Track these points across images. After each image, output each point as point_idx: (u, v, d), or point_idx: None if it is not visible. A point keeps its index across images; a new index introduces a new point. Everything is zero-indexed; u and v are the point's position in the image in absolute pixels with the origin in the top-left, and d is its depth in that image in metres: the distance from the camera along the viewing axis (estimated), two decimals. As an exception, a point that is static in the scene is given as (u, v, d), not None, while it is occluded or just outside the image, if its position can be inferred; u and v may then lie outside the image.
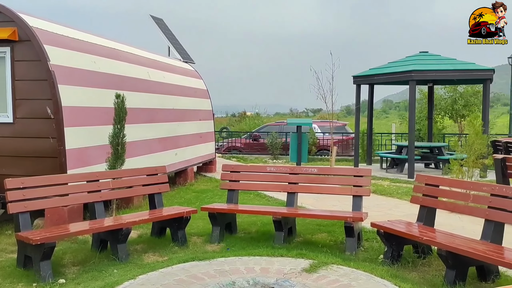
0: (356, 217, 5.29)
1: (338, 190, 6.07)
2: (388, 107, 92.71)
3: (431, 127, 14.34)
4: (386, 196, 9.01)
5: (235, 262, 4.89)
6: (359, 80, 12.67)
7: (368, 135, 14.25)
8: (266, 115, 54.04)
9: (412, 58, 12.34)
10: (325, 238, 6.01)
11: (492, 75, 11.30)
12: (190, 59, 12.40)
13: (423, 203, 5.18)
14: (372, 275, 4.49)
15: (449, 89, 20.10)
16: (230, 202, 6.24)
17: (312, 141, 16.11)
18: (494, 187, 4.55)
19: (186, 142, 10.28)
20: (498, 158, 6.99)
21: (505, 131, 22.49)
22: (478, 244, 4.32)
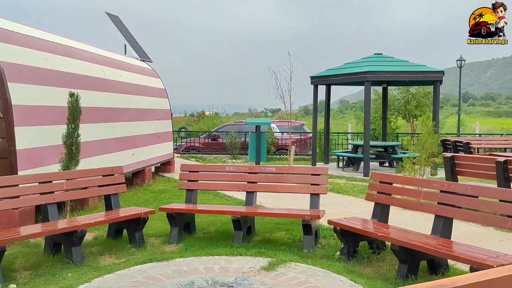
0: (314, 215, 5.39)
1: (296, 188, 6.16)
2: (344, 107, 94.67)
3: (385, 127, 14.78)
4: (342, 194, 9.21)
5: (194, 262, 4.87)
6: (316, 81, 12.88)
7: (325, 134, 14.51)
8: (225, 115, 53.93)
9: (367, 59, 12.67)
10: (284, 237, 6.08)
11: (441, 76, 11.79)
12: (147, 57, 12.21)
13: (377, 200, 5.34)
14: (329, 271, 4.59)
15: (402, 90, 20.77)
16: (188, 202, 6.20)
17: (271, 141, 16.24)
18: (443, 184, 4.76)
19: (143, 142, 10.12)
20: (447, 156, 7.30)
21: (454, 130, 23.53)
22: (429, 239, 4.50)
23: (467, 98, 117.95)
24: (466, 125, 34.70)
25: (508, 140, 14.77)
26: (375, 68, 11.69)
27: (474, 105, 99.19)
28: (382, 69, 11.76)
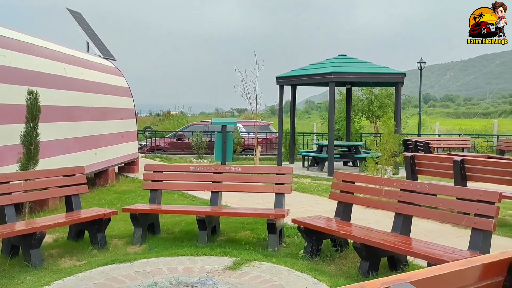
0: (278, 214, 5.43)
1: (261, 188, 6.19)
2: (310, 108, 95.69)
3: (349, 127, 15.05)
4: (307, 193, 9.31)
5: (158, 263, 4.82)
6: (282, 81, 12.98)
7: (290, 134, 14.64)
8: (191, 114, 53.53)
9: (332, 60, 12.87)
10: (249, 236, 6.10)
11: (403, 78, 12.11)
12: (110, 55, 11.98)
13: (340, 199, 5.44)
14: (292, 269, 4.64)
15: (365, 91, 21.19)
16: (152, 202, 6.13)
17: (237, 141, 16.24)
18: (403, 182, 4.89)
19: (106, 142, 9.92)
20: (408, 155, 7.50)
21: (416, 131, 24.20)
22: (389, 236, 4.62)
23: (428, 100, 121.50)
24: (427, 126, 35.76)
25: (465, 140, 15.33)
26: (339, 69, 11.88)
27: (434, 106, 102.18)
28: (346, 70, 11.97)
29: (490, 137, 18.05)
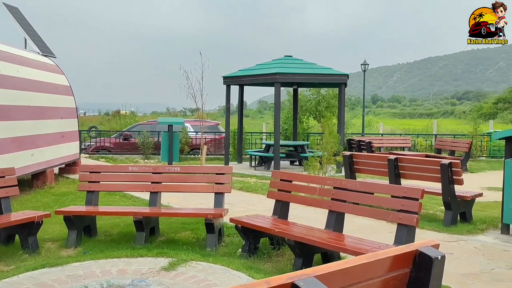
0: (216, 214, 5.45)
1: (201, 188, 6.19)
2: (263, 108, 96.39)
3: (296, 127, 15.30)
4: (251, 193, 9.40)
5: (91, 266, 4.71)
6: (228, 81, 13.01)
7: (238, 134, 14.70)
8: (142, 114, 52.59)
9: (278, 61, 13.04)
10: (189, 236, 6.09)
11: (346, 79, 12.47)
12: (50, 52, 11.55)
13: (278, 197, 5.53)
14: (228, 268, 4.67)
15: (313, 92, 21.61)
16: (89, 204, 5.98)
17: (185, 140, 16.12)
18: (336, 180, 5.05)
19: (45, 142, 9.56)
20: (346, 154, 7.74)
21: (366, 130, 25.00)
22: (322, 233, 4.75)
23: (376, 100, 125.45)
24: (373, 125, 36.99)
25: (406, 140, 15.99)
26: (284, 70, 12.06)
27: (382, 107, 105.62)
28: (291, 71, 12.17)
29: (429, 137, 18.91)
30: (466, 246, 5.62)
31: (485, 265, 4.90)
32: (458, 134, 19.28)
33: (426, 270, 2.30)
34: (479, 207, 7.85)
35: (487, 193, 9.17)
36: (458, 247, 5.56)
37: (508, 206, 5.99)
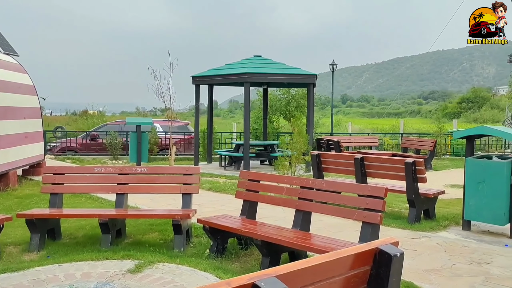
0: (184, 215, 5.42)
1: (168, 189, 6.13)
2: (234, 107, 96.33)
3: (266, 126, 15.36)
4: (221, 193, 9.38)
5: (54, 270, 4.61)
6: (198, 80, 12.94)
7: (208, 134, 14.64)
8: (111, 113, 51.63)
9: (247, 61, 13.06)
10: (156, 237, 6.03)
11: (314, 79, 12.59)
12: (12, 50, 11.21)
13: (245, 197, 5.54)
14: (196, 269, 4.65)
15: (283, 92, 21.74)
16: (53, 206, 5.84)
17: (154, 141, 15.94)
18: (303, 180, 5.10)
19: (7, 143, 9.27)
20: (314, 154, 7.82)
21: (335, 130, 25.32)
22: (289, 232, 4.79)
23: (346, 100, 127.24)
24: (343, 125, 37.51)
25: (374, 139, 16.30)
26: (253, 69, 12.09)
27: (351, 106, 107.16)
28: (260, 71, 12.20)
29: (396, 136, 19.32)
30: (429, 242, 5.77)
31: (447, 260, 5.05)
32: (423, 133, 19.78)
33: (385, 267, 2.36)
34: (443, 204, 8.08)
35: (450, 191, 9.46)
36: (421, 244, 5.70)
37: (468, 203, 6.19)
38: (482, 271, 4.70)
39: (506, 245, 5.69)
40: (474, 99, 58.57)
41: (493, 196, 5.91)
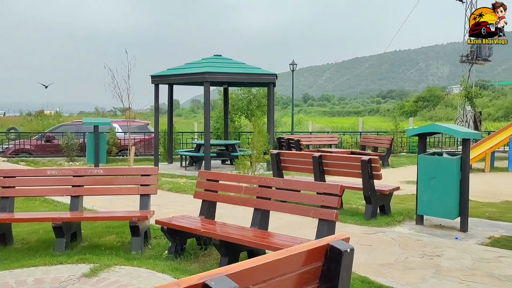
0: (141, 216, 5.34)
1: (125, 190, 6.02)
2: (196, 107, 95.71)
3: (227, 126, 15.35)
4: (181, 193, 9.31)
5: (5, 276, 4.44)
6: (157, 80, 12.77)
7: (168, 134, 14.48)
8: (69, 114, 50.10)
9: (207, 60, 13.00)
10: (113, 240, 5.92)
11: (274, 79, 12.68)
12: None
13: (204, 197, 5.52)
14: (154, 271, 4.60)
15: (244, 91, 21.78)
16: (3, 211, 5.62)
17: (113, 141, 15.61)
18: (260, 179, 5.13)
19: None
20: (273, 153, 7.89)
21: (295, 129, 25.56)
22: (247, 231, 4.81)
23: (307, 99, 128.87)
24: (304, 124, 37.95)
25: (333, 137, 16.59)
26: (213, 69, 12.05)
27: (313, 106, 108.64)
28: (220, 70, 12.18)
29: (355, 134, 19.74)
30: (384, 237, 5.94)
31: (400, 254, 5.21)
32: (381, 131, 20.30)
33: (336, 263, 2.41)
34: (398, 200, 8.33)
35: (405, 187, 9.76)
36: (377, 239, 5.86)
37: (421, 199, 6.41)
38: (433, 263, 4.89)
39: (456, 238, 5.93)
40: (429, 98, 60.66)
41: (444, 191, 6.15)
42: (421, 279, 4.44)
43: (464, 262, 4.93)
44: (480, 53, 22.10)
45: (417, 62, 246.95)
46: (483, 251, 5.32)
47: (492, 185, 10.47)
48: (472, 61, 22.61)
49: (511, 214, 7.37)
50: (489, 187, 10.15)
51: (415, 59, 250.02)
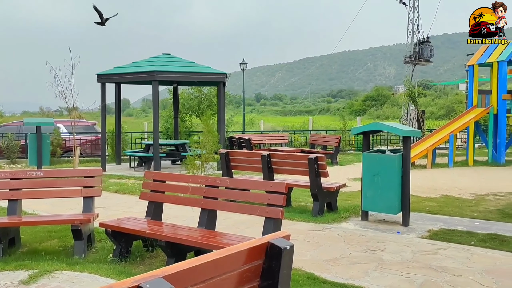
0: (84, 219, 5.17)
1: (68, 193, 5.81)
2: (147, 106, 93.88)
3: (177, 126, 15.16)
4: (129, 195, 9.11)
5: None
6: (103, 79, 12.41)
7: (116, 134, 14.11)
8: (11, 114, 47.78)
9: (155, 59, 12.78)
10: (55, 245, 5.70)
11: (224, 78, 12.66)
12: None
13: (150, 198, 5.43)
14: (97, 275, 4.47)
15: (195, 90, 21.59)
16: None
17: (57, 142, 15.03)
18: (207, 178, 5.10)
19: None
20: (222, 152, 7.86)
21: (246, 128, 25.61)
22: (194, 232, 4.77)
23: (260, 98, 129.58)
24: (256, 123, 38.14)
25: (284, 136, 16.79)
26: (162, 68, 11.86)
27: (265, 105, 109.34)
28: (169, 69, 12.00)
29: (305, 133, 20.07)
30: (330, 233, 6.07)
31: (345, 250, 5.34)
32: (330, 130, 20.74)
33: (276, 260, 2.43)
34: (345, 196, 8.55)
35: (352, 184, 10.04)
36: (323, 235, 5.98)
37: (366, 195, 6.61)
38: (375, 257, 5.05)
39: (398, 232, 6.15)
40: (377, 97, 62.61)
41: (387, 187, 6.36)
42: (363, 273, 4.57)
43: (405, 255, 5.13)
44: (422, 54, 23.10)
45: (365, 62, 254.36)
46: (422, 244, 5.56)
47: (433, 180, 10.96)
48: (414, 62, 23.56)
49: (449, 208, 7.74)
50: (430, 182, 10.61)
51: (364, 60, 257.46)
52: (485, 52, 14.93)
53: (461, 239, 5.79)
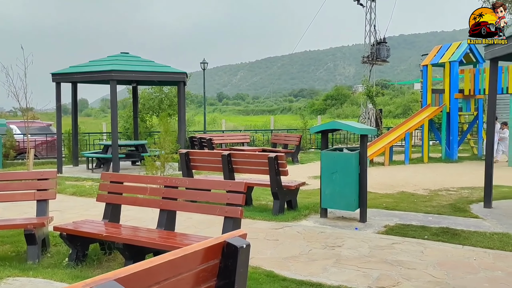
0: (38, 223, 5.02)
1: (20, 196, 5.61)
2: (106, 106, 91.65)
3: (137, 126, 14.91)
4: (86, 197, 8.89)
5: None
6: (58, 78, 12.05)
7: (73, 135, 13.73)
8: (-40, 114, 45.43)
9: (113, 58, 12.52)
10: (7, 250, 5.49)
11: (184, 77, 12.55)
12: None
13: (107, 200, 5.32)
14: (51, 281, 4.34)
15: (156, 90, 21.29)
16: None
17: (10, 144, 14.46)
18: (166, 179, 5.05)
19: None
20: (182, 152, 7.80)
21: (209, 128, 25.49)
22: (153, 233, 4.71)
23: (222, 98, 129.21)
24: (218, 123, 38.02)
25: (245, 135, 16.82)
26: (120, 67, 11.63)
27: (227, 104, 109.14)
28: (128, 68, 11.78)
29: (267, 132, 20.18)
30: (290, 231, 6.14)
31: (305, 247, 5.42)
32: (291, 129, 20.95)
33: (233, 259, 2.44)
34: (305, 194, 8.66)
35: (312, 182, 10.18)
36: (283, 233, 6.04)
37: (324, 192, 6.72)
38: (334, 254, 5.15)
39: (356, 228, 6.30)
40: (337, 96, 63.73)
41: (345, 184, 6.50)
42: (322, 269, 4.65)
43: (362, 250, 5.26)
44: (379, 55, 23.74)
45: (326, 62, 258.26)
46: (379, 239, 5.71)
47: (390, 177, 11.28)
48: (372, 62, 24.18)
49: (405, 203, 7.99)
50: (387, 179, 10.91)
51: (324, 59, 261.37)
52: (438, 53, 15.53)
53: (415, 233, 5.99)
